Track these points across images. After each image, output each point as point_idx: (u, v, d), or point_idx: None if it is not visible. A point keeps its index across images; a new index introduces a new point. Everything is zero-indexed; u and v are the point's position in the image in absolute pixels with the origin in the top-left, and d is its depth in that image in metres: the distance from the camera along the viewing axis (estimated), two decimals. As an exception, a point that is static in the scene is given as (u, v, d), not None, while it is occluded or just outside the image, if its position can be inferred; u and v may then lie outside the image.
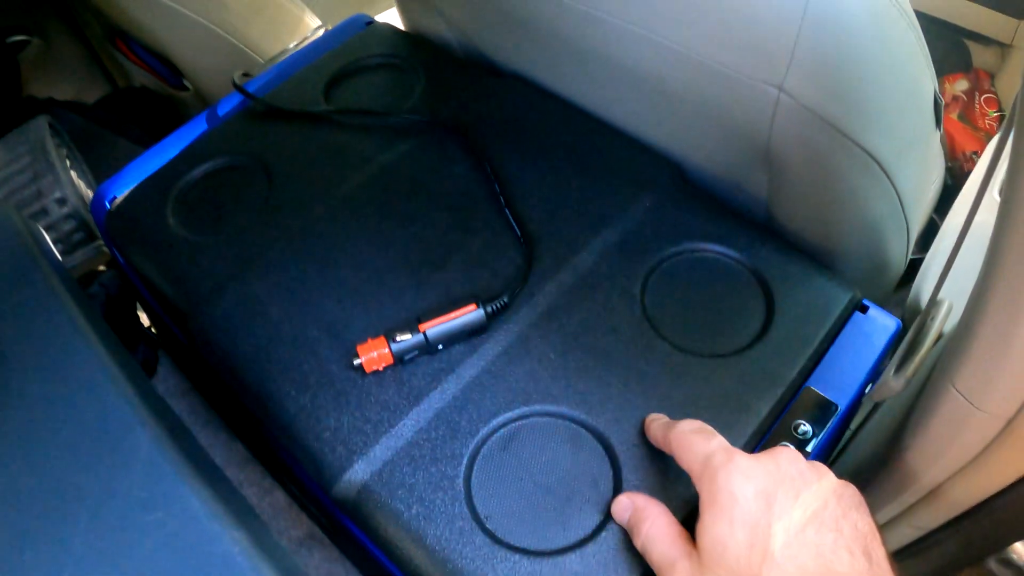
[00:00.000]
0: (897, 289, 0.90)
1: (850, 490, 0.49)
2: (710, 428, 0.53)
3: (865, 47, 0.58)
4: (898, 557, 0.70)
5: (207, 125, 0.83)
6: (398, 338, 0.61)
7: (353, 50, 0.89)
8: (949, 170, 1.26)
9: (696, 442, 0.51)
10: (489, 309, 0.63)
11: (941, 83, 1.41)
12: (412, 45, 0.91)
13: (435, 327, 0.62)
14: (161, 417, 0.56)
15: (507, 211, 0.71)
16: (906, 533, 0.63)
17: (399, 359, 0.62)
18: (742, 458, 0.48)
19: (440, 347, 0.63)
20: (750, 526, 0.46)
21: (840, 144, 0.62)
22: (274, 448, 0.67)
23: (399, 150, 0.78)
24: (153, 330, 0.87)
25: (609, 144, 0.77)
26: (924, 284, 0.84)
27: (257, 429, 0.70)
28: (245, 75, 0.82)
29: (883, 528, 0.66)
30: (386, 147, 0.78)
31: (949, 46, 1.43)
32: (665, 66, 0.65)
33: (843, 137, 0.61)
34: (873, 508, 0.64)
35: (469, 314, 0.63)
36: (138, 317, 0.87)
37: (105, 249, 0.90)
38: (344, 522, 0.63)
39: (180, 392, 0.89)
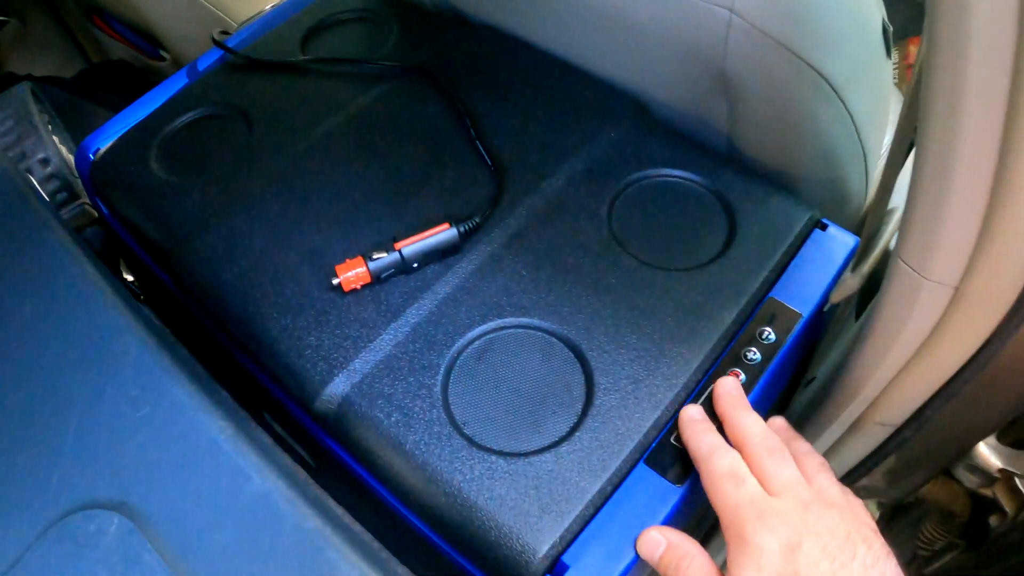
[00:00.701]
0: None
1: (880, 540, 0.50)
2: (743, 470, 0.52)
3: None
4: (868, 472, 0.72)
5: (188, 80, 0.86)
6: (375, 256, 0.64)
7: (327, 5, 0.92)
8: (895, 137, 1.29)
9: (727, 490, 0.51)
10: (462, 228, 0.66)
11: (904, 46, 1.44)
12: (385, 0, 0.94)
13: (410, 245, 0.64)
14: (148, 324, 0.58)
15: (478, 143, 0.73)
16: (872, 432, 0.66)
17: (376, 277, 0.64)
18: (771, 515, 0.49)
19: (415, 265, 0.65)
20: (776, 574, 0.47)
21: (792, 65, 0.65)
22: (258, 378, 0.69)
23: (373, 94, 0.80)
24: (136, 284, 0.89)
25: (575, 83, 0.80)
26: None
27: (240, 364, 0.71)
28: (223, 32, 0.85)
29: (853, 427, 0.69)
30: (361, 92, 0.81)
31: (912, 11, 1.47)
32: (623, -4, 0.68)
33: (794, 57, 0.64)
34: (840, 407, 0.67)
35: (442, 233, 0.65)
36: (121, 272, 0.88)
37: (88, 208, 0.92)
38: (326, 442, 0.65)
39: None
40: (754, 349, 0.63)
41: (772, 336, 0.64)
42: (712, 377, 0.62)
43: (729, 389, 0.59)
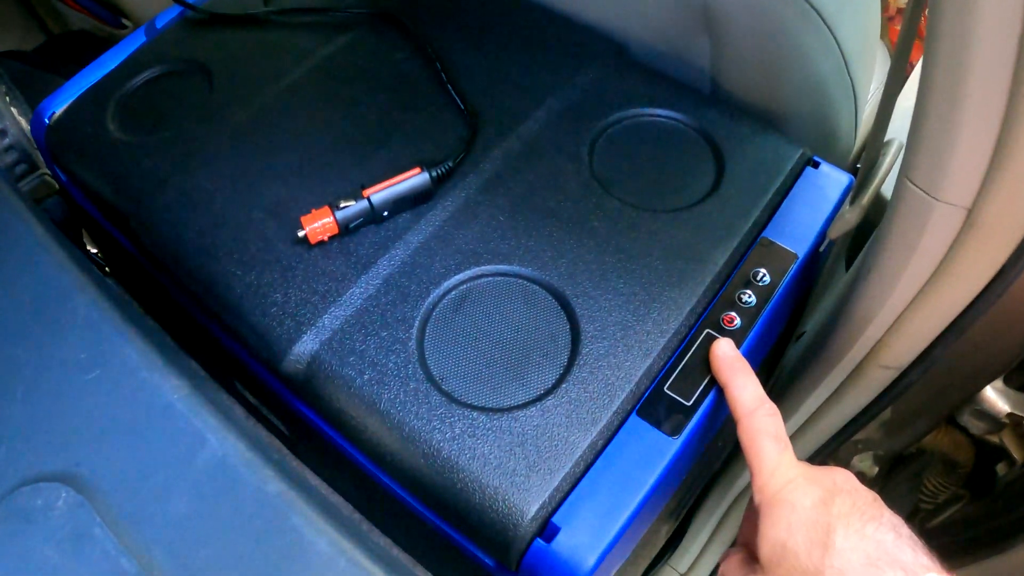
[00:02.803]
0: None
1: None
2: (784, 434, 0.52)
3: None
4: (869, 422, 0.69)
5: (146, 38, 0.82)
6: (342, 205, 0.60)
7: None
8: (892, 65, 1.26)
9: (768, 450, 0.50)
10: (434, 173, 0.62)
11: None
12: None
13: (379, 192, 0.61)
14: (99, 283, 0.54)
15: (449, 87, 0.70)
16: (875, 376, 0.62)
17: (344, 228, 0.61)
18: (803, 476, 0.49)
19: (386, 214, 0.62)
20: (808, 526, 0.46)
21: (780, -7, 0.61)
22: (224, 343, 0.65)
23: (339, 43, 0.77)
24: (100, 256, 0.85)
25: (550, 25, 0.77)
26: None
27: (207, 329, 0.68)
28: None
29: (855, 373, 0.66)
30: (326, 41, 0.77)
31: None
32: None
33: (782, -16, 0.61)
34: (841, 352, 0.64)
35: (414, 178, 0.61)
36: (84, 244, 0.85)
37: (49, 179, 0.88)
38: (296, 405, 0.61)
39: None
40: (749, 291, 0.60)
41: (767, 277, 0.60)
42: (706, 322, 0.58)
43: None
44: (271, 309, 0.59)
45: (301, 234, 0.60)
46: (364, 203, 0.60)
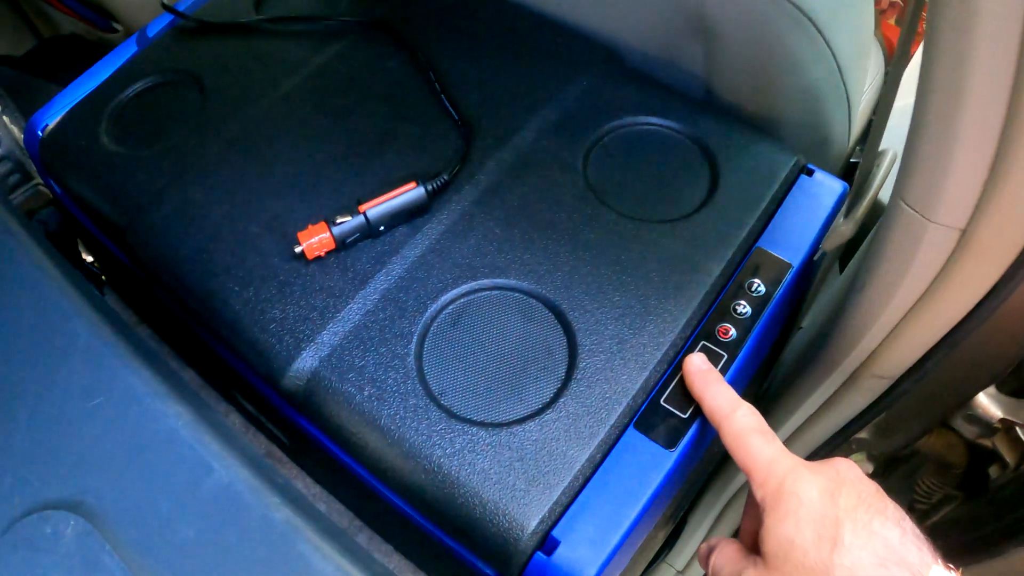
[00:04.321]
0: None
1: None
2: (769, 428, 0.51)
3: None
4: (864, 426, 0.70)
5: (137, 47, 0.81)
6: (338, 221, 0.60)
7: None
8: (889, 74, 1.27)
9: (758, 445, 0.49)
10: (430, 187, 0.62)
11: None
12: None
13: (375, 207, 0.61)
14: (100, 307, 0.54)
15: (443, 97, 0.70)
16: (869, 386, 0.63)
17: (341, 243, 0.61)
18: (805, 466, 0.48)
19: (382, 228, 0.62)
20: (816, 521, 0.45)
21: (774, 3, 0.61)
22: (222, 356, 0.66)
23: (331, 51, 0.76)
24: (96, 266, 0.85)
25: (542, 32, 0.77)
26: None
27: (204, 343, 0.68)
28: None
29: (849, 381, 0.66)
30: (319, 50, 0.77)
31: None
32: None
33: (776, -6, 0.61)
34: (835, 361, 0.64)
35: (409, 192, 0.61)
36: (79, 253, 0.84)
37: (43, 189, 0.87)
38: (297, 420, 0.62)
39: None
40: (743, 302, 0.60)
41: (762, 288, 0.61)
42: (701, 333, 0.59)
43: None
44: (270, 325, 0.59)
45: (298, 250, 0.60)
46: (360, 218, 0.60)
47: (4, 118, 0.90)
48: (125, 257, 0.71)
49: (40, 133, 0.77)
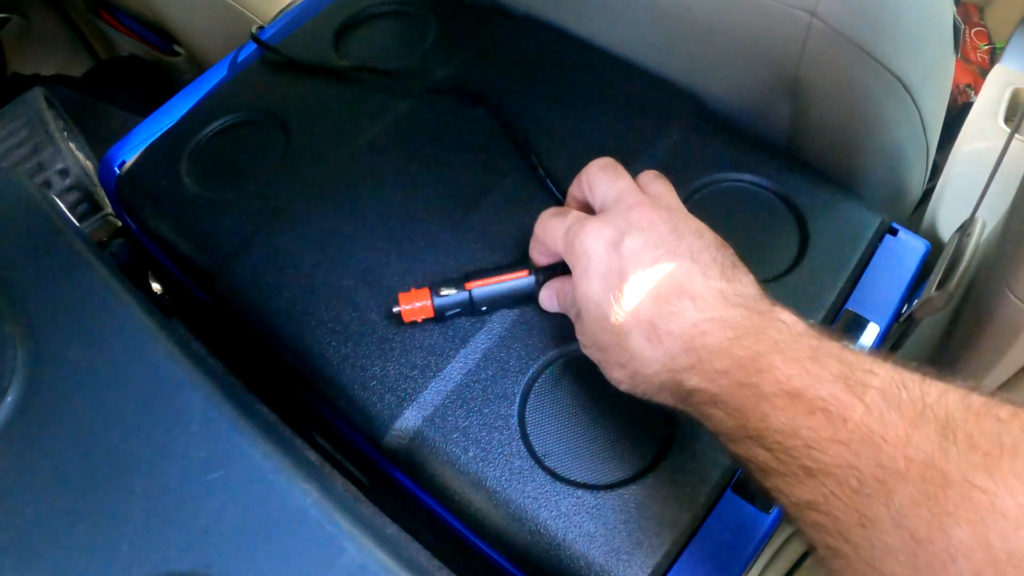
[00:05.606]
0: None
1: (713, 234, 0.52)
2: (567, 209, 0.55)
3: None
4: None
5: (211, 84, 0.81)
6: (442, 292, 0.59)
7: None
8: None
9: (554, 224, 0.54)
10: (541, 277, 0.60)
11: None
12: (419, -9, 0.89)
13: (483, 288, 0.60)
14: (210, 373, 0.54)
15: (546, 181, 0.68)
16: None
17: (440, 314, 0.60)
18: (594, 221, 0.50)
19: (484, 309, 0.61)
20: (602, 275, 0.48)
21: (869, 68, 0.62)
22: (314, 405, 0.66)
23: (418, 98, 0.76)
24: (166, 297, 0.85)
25: (628, 80, 0.77)
26: (939, 210, 0.85)
27: (292, 388, 0.68)
28: (260, 27, 0.80)
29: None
30: (404, 95, 0.77)
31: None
32: (691, -5, 0.65)
33: (873, 61, 0.61)
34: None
35: (521, 280, 0.60)
36: (150, 285, 0.85)
37: (112, 219, 0.87)
38: (394, 474, 0.62)
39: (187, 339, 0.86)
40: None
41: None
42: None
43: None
44: (370, 383, 0.60)
45: (396, 310, 0.60)
46: (465, 295, 0.60)
47: (70, 144, 0.90)
48: (209, 300, 0.71)
49: (117, 170, 0.77)
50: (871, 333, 0.63)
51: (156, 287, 0.88)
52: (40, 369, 0.55)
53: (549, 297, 0.59)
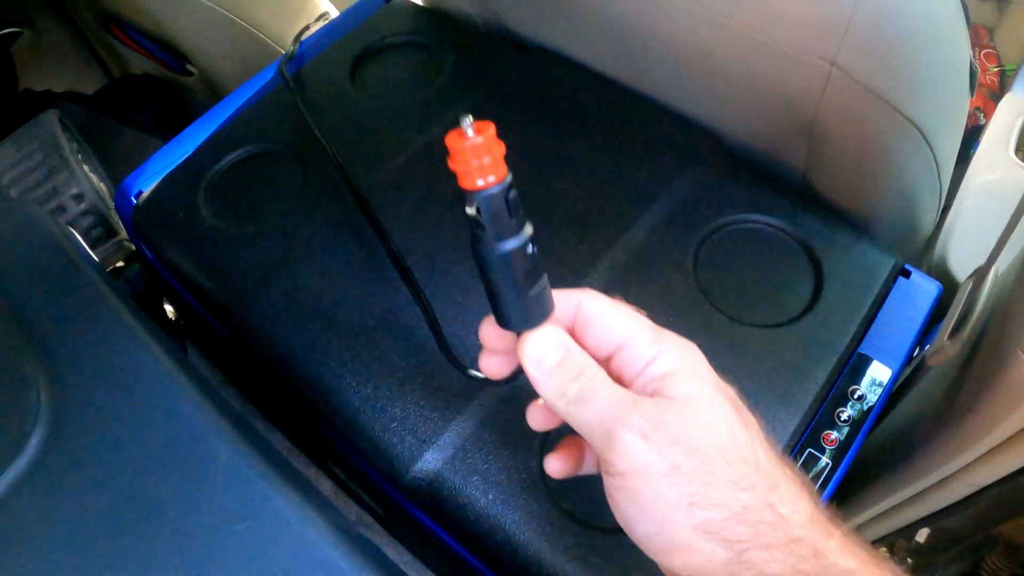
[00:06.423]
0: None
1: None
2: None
3: (915, 18, 0.58)
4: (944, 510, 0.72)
5: (228, 112, 0.81)
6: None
7: (375, 29, 0.87)
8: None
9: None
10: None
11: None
12: (434, 22, 0.89)
13: None
14: (236, 422, 0.54)
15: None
16: (958, 490, 0.65)
17: None
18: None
19: None
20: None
21: (886, 115, 0.62)
22: (331, 439, 0.67)
23: (434, 132, 0.76)
24: (180, 323, 0.86)
25: (645, 118, 0.77)
26: (949, 244, 0.86)
27: (306, 420, 0.69)
28: (290, 59, 0.80)
29: (935, 487, 0.68)
30: (421, 128, 0.77)
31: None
32: (710, 39, 0.65)
33: (890, 108, 0.62)
34: (928, 468, 0.66)
35: None
36: (164, 312, 0.85)
37: (126, 244, 0.88)
38: (413, 512, 0.63)
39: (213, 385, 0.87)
40: (847, 410, 0.62)
41: (864, 394, 0.62)
42: (807, 441, 0.60)
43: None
44: (391, 424, 0.60)
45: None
46: None
47: (85, 167, 0.90)
48: (226, 333, 0.72)
49: (134, 200, 0.77)
50: (884, 376, 0.63)
51: (170, 310, 0.89)
52: (64, 412, 0.55)
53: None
